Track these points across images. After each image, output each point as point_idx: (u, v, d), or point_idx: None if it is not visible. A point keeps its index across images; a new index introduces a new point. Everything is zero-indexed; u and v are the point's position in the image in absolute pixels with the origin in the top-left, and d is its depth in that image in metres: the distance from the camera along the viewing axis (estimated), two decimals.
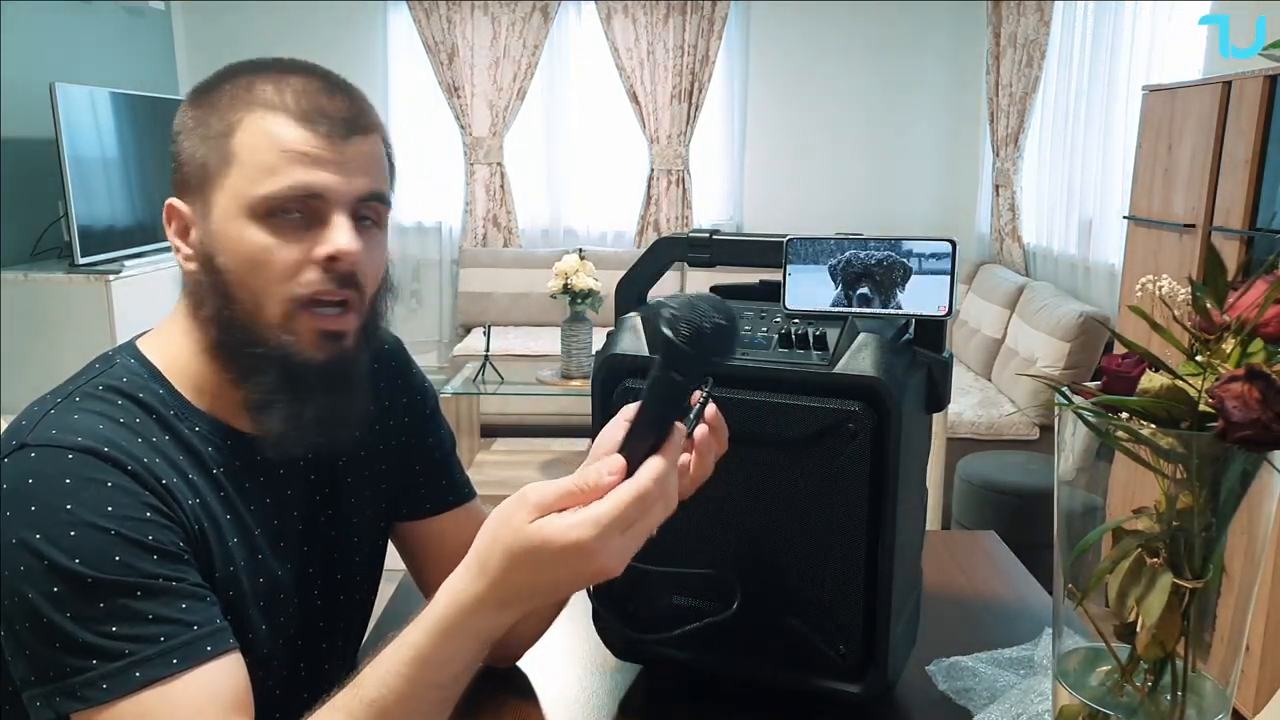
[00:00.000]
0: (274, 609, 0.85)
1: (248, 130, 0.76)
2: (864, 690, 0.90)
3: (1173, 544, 0.68)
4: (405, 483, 1.00)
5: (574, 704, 0.98)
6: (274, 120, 0.76)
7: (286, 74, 0.79)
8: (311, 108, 0.77)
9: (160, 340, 0.84)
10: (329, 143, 0.77)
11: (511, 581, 0.64)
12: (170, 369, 0.82)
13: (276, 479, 0.87)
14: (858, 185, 4.97)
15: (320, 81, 0.80)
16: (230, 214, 0.77)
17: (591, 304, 3.49)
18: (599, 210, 5.08)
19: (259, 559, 0.83)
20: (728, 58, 4.90)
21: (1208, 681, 0.72)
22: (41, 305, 3.26)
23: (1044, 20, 4.12)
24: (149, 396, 0.79)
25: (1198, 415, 0.64)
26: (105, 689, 0.68)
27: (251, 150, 0.76)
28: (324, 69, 0.83)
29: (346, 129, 0.78)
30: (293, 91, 0.78)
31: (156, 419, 0.78)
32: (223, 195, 0.77)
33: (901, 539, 0.88)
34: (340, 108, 0.79)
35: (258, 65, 0.81)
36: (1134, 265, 2.74)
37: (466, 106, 4.85)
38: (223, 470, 0.81)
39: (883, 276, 0.85)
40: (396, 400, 0.99)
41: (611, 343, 0.94)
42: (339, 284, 0.79)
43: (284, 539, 0.87)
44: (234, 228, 0.77)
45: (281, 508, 0.87)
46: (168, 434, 0.78)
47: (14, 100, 3.42)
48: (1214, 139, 2.32)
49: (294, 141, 0.76)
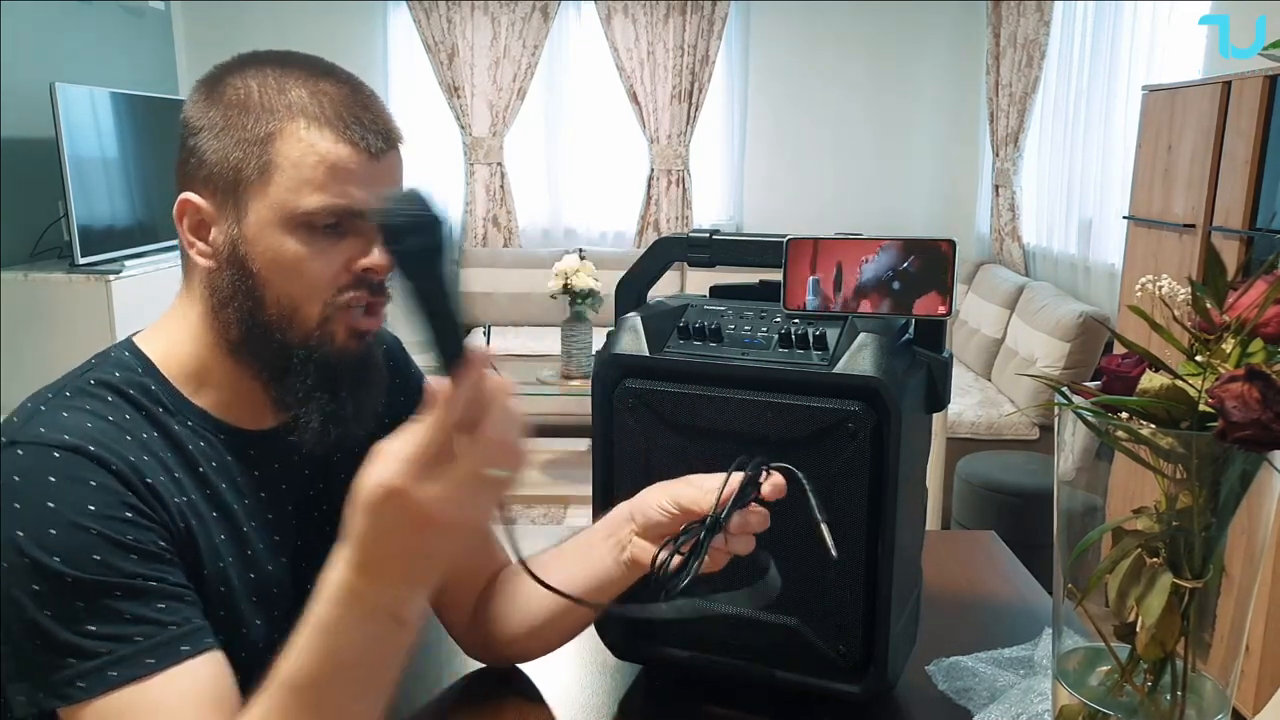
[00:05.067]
0: (268, 604, 0.85)
1: (288, 140, 0.77)
2: (864, 690, 0.90)
3: (1173, 544, 0.68)
4: None
5: (574, 704, 0.98)
6: (315, 132, 0.77)
7: (316, 77, 0.80)
8: (352, 121, 0.79)
9: (158, 335, 0.85)
10: (369, 158, 0.79)
11: (364, 541, 0.64)
12: (167, 363, 0.83)
13: (270, 474, 0.87)
14: (858, 185, 4.97)
15: (349, 89, 0.81)
16: (267, 222, 0.78)
17: (591, 304, 3.49)
18: (599, 210, 5.08)
19: (249, 554, 0.83)
20: (728, 58, 4.90)
21: (1208, 681, 0.72)
22: (41, 305, 3.26)
23: (1044, 20, 4.12)
24: (139, 392, 0.80)
25: (1198, 415, 0.64)
26: (83, 687, 0.69)
27: (294, 163, 0.77)
28: (344, 71, 0.83)
29: (383, 144, 0.80)
30: (330, 101, 0.79)
31: (146, 415, 0.79)
32: (260, 203, 0.78)
33: (901, 539, 0.88)
34: (375, 121, 0.80)
35: (281, 60, 0.81)
36: (1134, 265, 2.74)
37: (466, 106, 4.85)
38: (214, 465, 0.82)
39: (883, 277, 0.86)
40: (395, 397, 0.99)
41: (611, 343, 0.94)
42: (373, 292, 0.82)
43: (278, 534, 0.87)
44: (270, 235, 0.78)
45: (275, 503, 0.87)
46: (156, 430, 0.79)
47: (14, 100, 3.42)
48: (1214, 139, 2.32)
49: (338, 157, 0.78)
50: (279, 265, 0.78)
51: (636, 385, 0.92)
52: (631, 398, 0.92)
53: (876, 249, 0.87)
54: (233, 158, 0.78)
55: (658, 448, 0.92)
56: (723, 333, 0.91)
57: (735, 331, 0.91)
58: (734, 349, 0.90)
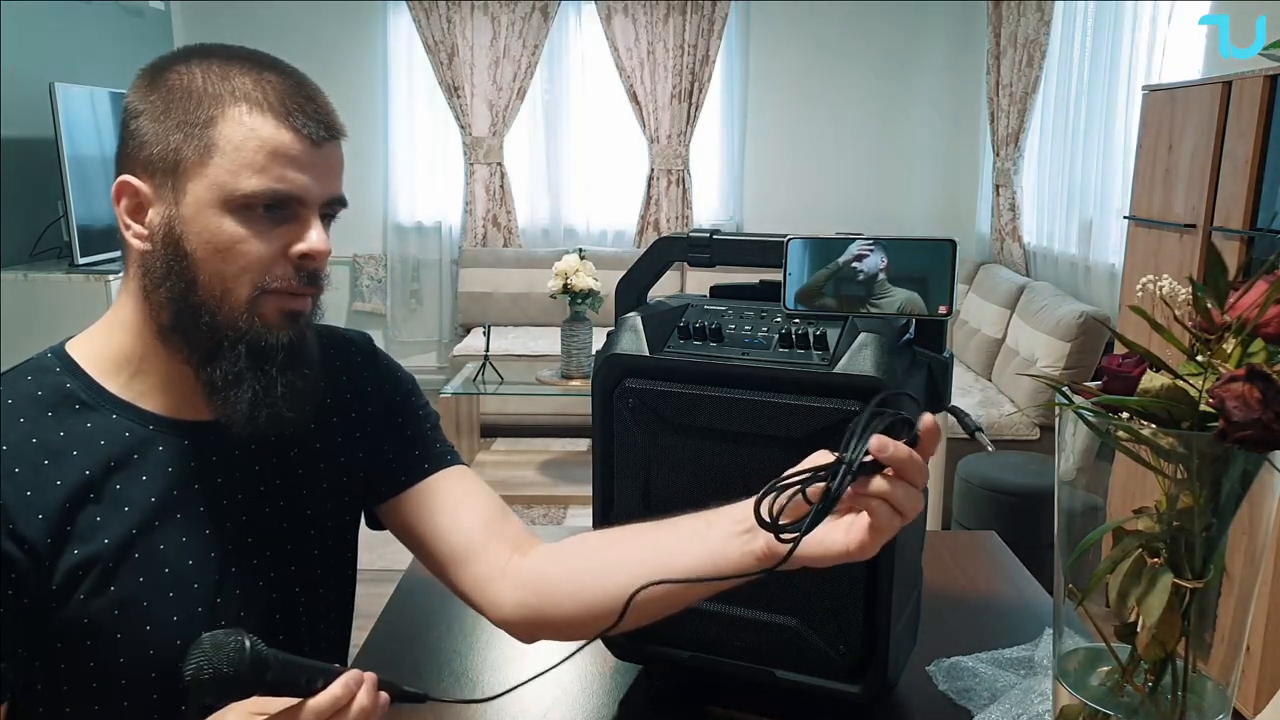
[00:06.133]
0: (186, 599, 0.83)
1: (230, 123, 0.78)
2: (864, 690, 0.90)
3: (1173, 544, 0.68)
4: (375, 466, 0.98)
5: (574, 704, 0.98)
6: (258, 117, 0.78)
7: (261, 68, 0.81)
8: (295, 108, 0.79)
9: (92, 332, 0.86)
10: (310, 145, 0.80)
11: None
12: (94, 358, 0.83)
13: (207, 466, 0.86)
14: (858, 185, 4.97)
15: (294, 81, 0.82)
16: (205, 203, 0.78)
17: (591, 304, 3.49)
18: (599, 210, 5.08)
19: (161, 548, 0.82)
20: (728, 58, 4.90)
21: (1208, 682, 0.72)
22: (41, 305, 3.26)
23: (1044, 20, 4.12)
24: (51, 393, 0.81)
25: (1198, 415, 0.64)
26: None
27: (235, 144, 0.78)
28: (289, 65, 0.84)
29: (325, 133, 0.81)
30: (273, 88, 0.79)
31: (53, 415, 0.80)
32: (199, 184, 0.78)
33: (901, 539, 0.88)
34: (318, 110, 0.81)
35: (226, 51, 0.82)
36: (1134, 265, 2.74)
37: (466, 106, 4.85)
38: (136, 457, 0.82)
39: (885, 277, 0.85)
40: (361, 390, 0.99)
41: (611, 343, 0.94)
42: (307, 281, 0.82)
43: (209, 527, 0.85)
44: (208, 216, 0.78)
45: (208, 496, 0.86)
46: (62, 430, 0.80)
47: (14, 100, 3.42)
48: (1214, 139, 2.32)
49: (279, 142, 0.78)
50: (214, 246, 0.79)
51: (636, 385, 0.92)
52: (631, 398, 0.92)
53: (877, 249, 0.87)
54: (173, 140, 0.79)
55: (658, 448, 0.92)
56: (723, 333, 0.91)
57: (735, 331, 0.91)
58: (734, 349, 0.90)
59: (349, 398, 0.98)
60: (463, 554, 0.93)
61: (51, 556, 0.77)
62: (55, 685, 0.80)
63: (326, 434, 0.95)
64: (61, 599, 0.78)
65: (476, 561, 0.93)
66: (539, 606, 0.89)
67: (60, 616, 0.78)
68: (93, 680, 0.80)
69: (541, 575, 0.90)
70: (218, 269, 0.79)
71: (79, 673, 0.80)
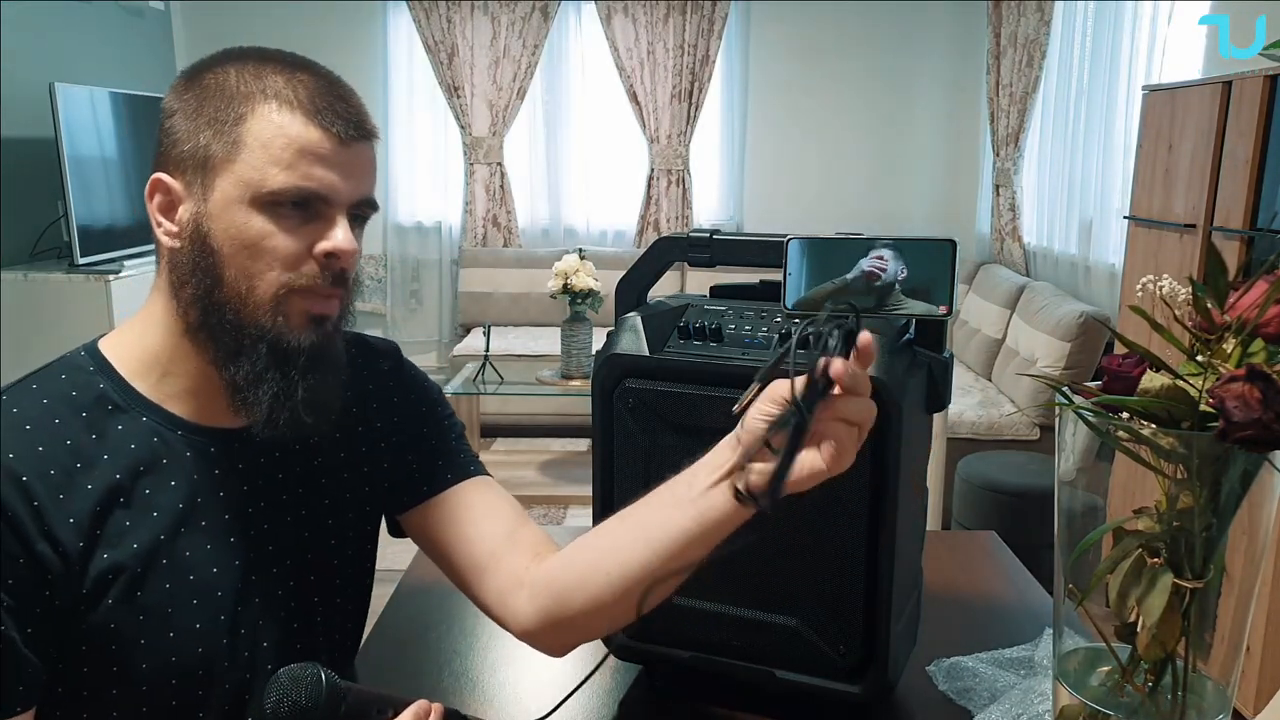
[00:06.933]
0: (209, 607, 0.83)
1: (259, 120, 0.78)
2: (864, 690, 0.90)
3: (1173, 544, 0.68)
4: (399, 475, 0.98)
5: (574, 704, 0.98)
6: (287, 114, 0.78)
7: (294, 68, 0.81)
8: (325, 106, 0.79)
9: (124, 330, 0.86)
10: (339, 144, 0.79)
11: None
12: (127, 358, 0.83)
13: (233, 474, 0.85)
14: (858, 185, 4.97)
15: (326, 81, 0.81)
16: (233, 199, 0.78)
17: (591, 304, 3.48)
18: (599, 210, 5.08)
19: (186, 555, 0.82)
20: (728, 58, 4.90)
21: (1208, 682, 0.72)
22: (41, 305, 3.26)
23: (1044, 20, 4.12)
24: (84, 393, 0.80)
25: (1198, 415, 0.64)
26: None
27: (263, 141, 0.77)
28: (323, 67, 0.84)
29: (355, 132, 0.81)
30: (304, 88, 0.79)
31: (86, 416, 0.79)
32: (226, 180, 0.78)
33: (901, 539, 0.88)
34: (349, 109, 0.81)
35: (261, 53, 0.82)
36: (1134, 265, 2.74)
37: (466, 106, 4.85)
38: (165, 462, 0.81)
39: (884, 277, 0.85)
40: (387, 400, 0.98)
41: (611, 343, 0.94)
42: (333, 281, 0.81)
43: (233, 536, 0.85)
44: (235, 212, 0.78)
45: (233, 505, 0.85)
46: (94, 433, 0.79)
47: (14, 100, 3.42)
48: (1214, 139, 2.32)
49: (307, 139, 0.78)
50: (241, 242, 0.78)
51: (636, 385, 0.92)
52: (631, 398, 0.92)
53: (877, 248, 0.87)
54: (203, 137, 0.79)
55: (658, 448, 0.92)
56: (723, 333, 0.91)
57: (735, 331, 0.91)
58: (734, 349, 0.90)
59: (375, 407, 0.97)
60: (484, 564, 0.93)
61: (82, 561, 0.77)
62: (75, 690, 0.80)
63: (351, 443, 0.94)
64: (90, 603, 0.77)
65: (498, 571, 0.92)
66: (554, 609, 0.89)
67: (88, 621, 0.77)
68: (113, 686, 0.79)
69: (552, 577, 0.90)
70: (243, 265, 0.79)
71: (100, 677, 0.79)
